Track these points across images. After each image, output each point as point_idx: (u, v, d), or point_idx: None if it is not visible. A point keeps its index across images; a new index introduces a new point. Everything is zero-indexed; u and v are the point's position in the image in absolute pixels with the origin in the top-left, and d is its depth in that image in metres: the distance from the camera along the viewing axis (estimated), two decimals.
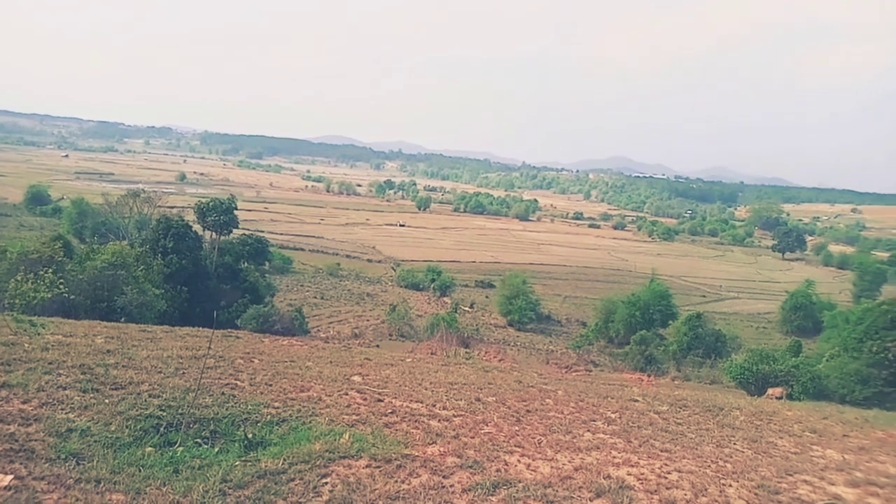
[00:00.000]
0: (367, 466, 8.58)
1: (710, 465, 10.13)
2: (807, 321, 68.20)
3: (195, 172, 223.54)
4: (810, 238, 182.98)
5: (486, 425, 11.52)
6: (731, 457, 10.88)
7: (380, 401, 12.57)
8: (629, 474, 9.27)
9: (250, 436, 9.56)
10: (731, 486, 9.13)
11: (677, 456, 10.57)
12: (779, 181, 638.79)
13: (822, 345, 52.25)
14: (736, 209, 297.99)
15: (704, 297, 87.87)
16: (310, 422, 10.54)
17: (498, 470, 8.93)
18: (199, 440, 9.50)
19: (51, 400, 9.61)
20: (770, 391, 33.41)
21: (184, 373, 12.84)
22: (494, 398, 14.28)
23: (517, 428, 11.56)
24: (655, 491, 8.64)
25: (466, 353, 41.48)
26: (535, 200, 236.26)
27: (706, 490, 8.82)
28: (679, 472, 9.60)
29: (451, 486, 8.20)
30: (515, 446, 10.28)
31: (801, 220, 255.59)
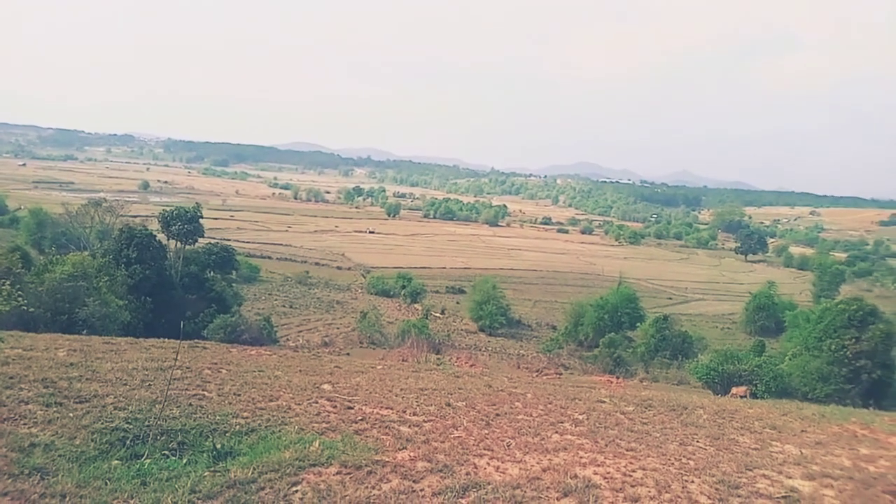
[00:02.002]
0: (337, 473, 8.62)
1: (673, 463, 10.40)
2: (769, 321, 69.88)
3: (159, 181, 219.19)
4: (771, 240, 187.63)
5: (456, 430, 11.63)
6: (694, 454, 11.18)
7: (350, 408, 12.60)
8: (596, 473, 9.48)
9: (219, 446, 9.52)
10: (693, 482, 9.40)
11: (642, 454, 10.83)
12: (741, 185, 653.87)
13: (785, 344, 53.69)
14: (700, 213, 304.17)
15: (671, 299, 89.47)
16: (279, 431, 10.53)
17: (467, 473, 9.05)
18: (166, 452, 9.43)
19: (12, 415, 9.44)
20: (734, 390, 34.25)
21: (150, 385, 12.68)
22: (465, 403, 14.40)
23: (487, 431, 11.70)
24: (621, 489, 8.86)
25: (437, 358, 41.58)
26: (505, 206, 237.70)
27: (670, 487, 9.07)
28: (644, 470, 9.85)
29: (422, 490, 8.29)
30: (485, 449, 10.41)
31: (762, 222, 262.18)
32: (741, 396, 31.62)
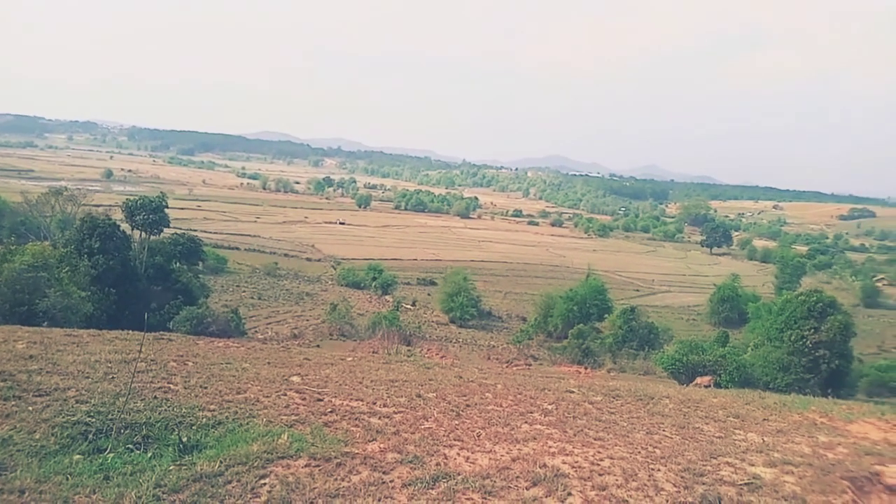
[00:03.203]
0: (306, 466, 8.56)
1: (640, 452, 10.57)
2: (733, 313, 71.56)
3: (122, 169, 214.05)
4: (736, 233, 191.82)
5: (427, 421, 11.64)
6: (660, 443, 11.38)
7: (319, 400, 12.50)
8: (564, 463, 9.58)
9: (185, 439, 9.36)
10: (659, 470, 9.57)
11: (610, 444, 10.98)
12: (706, 179, 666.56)
13: (747, 335, 55.06)
14: (667, 206, 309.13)
15: (638, 291, 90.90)
16: (247, 423, 10.40)
17: (437, 464, 9.07)
18: (130, 446, 9.23)
19: None
20: (699, 380, 35.00)
21: (113, 377, 12.40)
22: (435, 394, 14.42)
23: (457, 422, 11.73)
24: (589, 478, 8.97)
25: (408, 350, 41.54)
26: (476, 198, 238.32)
27: (636, 475, 9.22)
28: (611, 458, 9.99)
29: (391, 481, 8.28)
30: (455, 440, 10.44)
31: (727, 216, 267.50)
32: (705, 386, 32.34)
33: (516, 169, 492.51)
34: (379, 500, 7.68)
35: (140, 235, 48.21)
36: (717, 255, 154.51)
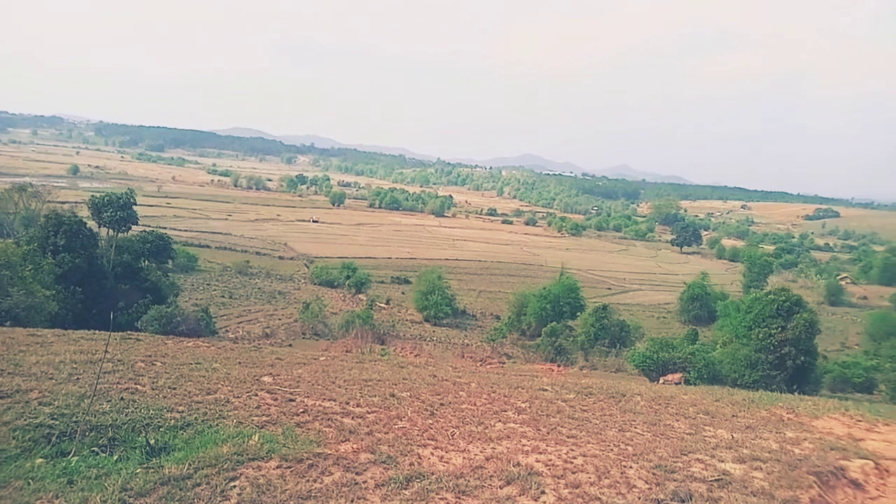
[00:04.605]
0: (277, 467, 8.43)
1: (612, 449, 10.65)
2: (702, 311, 72.79)
3: (89, 165, 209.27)
4: (705, 233, 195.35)
5: (400, 420, 11.58)
6: (632, 440, 11.49)
7: (291, 400, 12.35)
8: (538, 461, 9.60)
9: (152, 442, 9.14)
10: (631, 467, 9.65)
11: (583, 441, 11.05)
12: (677, 179, 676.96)
13: (716, 332, 56.08)
14: (638, 206, 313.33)
15: (610, 289, 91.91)
16: (217, 425, 10.21)
17: (411, 464, 9.01)
18: (95, 449, 8.99)
19: None
20: (669, 377, 35.55)
21: (78, 378, 12.08)
22: (409, 393, 14.36)
23: (431, 421, 11.69)
24: (562, 476, 9.00)
25: (382, 349, 41.40)
26: (450, 197, 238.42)
27: (609, 472, 9.28)
28: (584, 456, 10.05)
29: (365, 482, 8.20)
30: (429, 439, 10.40)
31: (697, 216, 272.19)
32: (676, 383, 32.86)
33: (491, 168, 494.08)
34: (352, 501, 7.59)
35: (107, 233, 47.28)
36: (687, 254, 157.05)
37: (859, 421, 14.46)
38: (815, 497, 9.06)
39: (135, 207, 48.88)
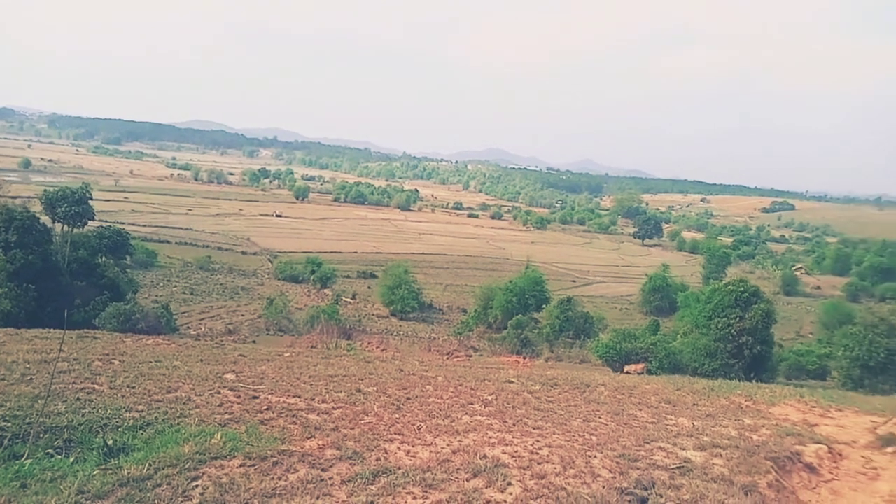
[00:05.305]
0: (241, 466, 8.29)
1: (577, 439, 10.78)
2: (664, 302, 74.25)
3: (42, 159, 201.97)
4: (666, 225, 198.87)
5: (367, 415, 11.51)
6: (597, 430, 11.65)
7: (255, 398, 12.17)
8: (504, 453, 9.65)
9: (110, 442, 8.91)
10: (596, 457, 9.78)
11: (548, 432, 11.15)
12: (639, 173, 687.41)
13: (677, 323, 57.32)
14: (601, 199, 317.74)
15: (574, 281, 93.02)
16: (178, 424, 10.00)
17: (378, 459, 8.97)
18: (50, 451, 8.73)
19: None
20: (632, 367, 36.18)
21: (31, 378, 11.71)
22: (375, 388, 14.29)
23: (397, 416, 11.65)
24: (528, 467, 9.07)
25: (348, 344, 41.13)
26: (416, 190, 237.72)
27: (574, 462, 9.39)
28: (550, 447, 10.14)
29: (330, 478, 8.13)
30: (396, 434, 10.36)
31: (658, 209, 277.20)
32: (638, 373, 33.46)
33: (456, 162, 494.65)
34: (317, 497, 7.52)
35: (62, 228, 45.82)
36: (649, 247, 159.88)
37: (814, 407, 14.94)
38: (773, 481, 9.33)
39: (91, 202, 47.37)
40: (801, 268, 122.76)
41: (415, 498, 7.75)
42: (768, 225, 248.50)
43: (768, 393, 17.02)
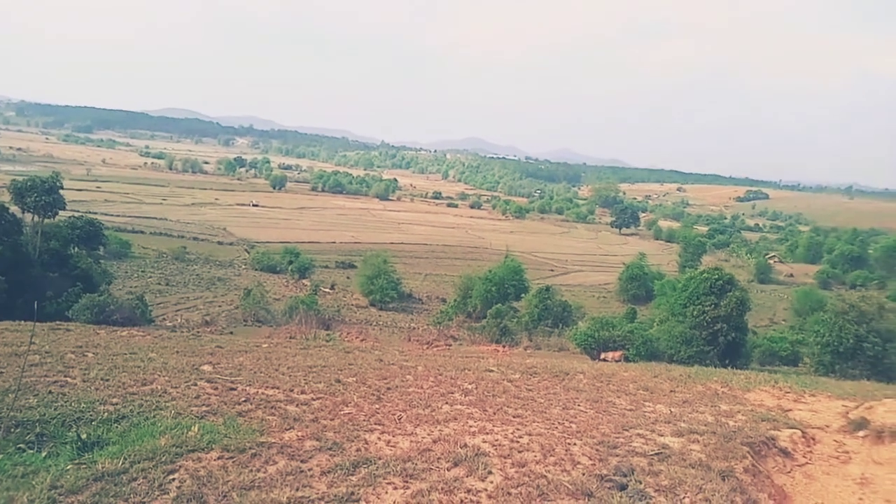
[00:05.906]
0: (218, 458, 8.18)
1: (557, 427, 10.83)
2: (641, 290, 75.12)
3: (10, 147, 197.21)
4: (643, 215, 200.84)
5: (346, 406, 11.44)
6: (576, 417, 11.72)
7: (232, 389, 12.03)
8: (485, 441, 9.67)
9: (84, 436, 8.73)
10: (575, 444, 9.83)
11: (528, 420, 11.19)
12: (617, 163, 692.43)
13: (654, 311, 58.14)
14: (580, 189, 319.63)
15: (553, 270, 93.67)
16: (154, 416, 9.84)
17: (358, 449, 8.91)
18: (21, 445, 8.54)
19: None
20: (610, 354, 36.56)
21: (1, 372, 11.44)
22: (355, 378, 14.21)
23: (377, 406, 11.60)
24: (508, 455, 9.09)
25: (327, 334, 40.94)
26: (395, 180, 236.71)
27: (554, 450, 9.43)
28: (530, 435, 10.18)
29: (310, 469, 8.06)
30: (376, 424, 10.31)
31: (635, 198, 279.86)
32: (616, 360, 33.81)
33: (436, 151, 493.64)
34: (297, 489, 7.44)
35: (32, 219, 44.85)
36: (626, 236, 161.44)
37: (787, 392, 15.21)
38: (749, 466, 9.48)
39: (62, 191, 46.51)
40: (774, 256, 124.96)
41: (395, 488, 7.73)
42: (743, 214, 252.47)
43: (743, 379, 17.28)
